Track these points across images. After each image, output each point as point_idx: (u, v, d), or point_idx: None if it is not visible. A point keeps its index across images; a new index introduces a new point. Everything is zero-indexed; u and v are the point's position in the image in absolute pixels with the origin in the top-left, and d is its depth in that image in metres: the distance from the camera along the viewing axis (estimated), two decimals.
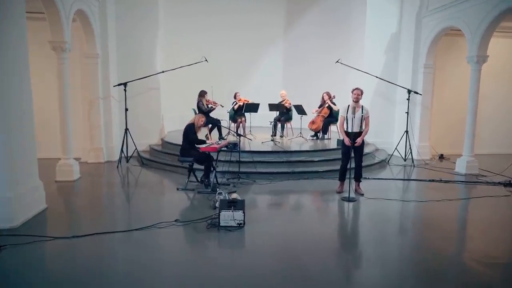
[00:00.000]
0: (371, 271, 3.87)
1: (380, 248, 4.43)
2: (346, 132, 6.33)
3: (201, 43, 11.19)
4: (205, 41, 11.49)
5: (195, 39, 11.18)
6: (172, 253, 4.19)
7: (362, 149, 6.41)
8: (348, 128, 6.28)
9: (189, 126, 6.57)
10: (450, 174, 8.04)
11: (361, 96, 6.30)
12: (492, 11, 7.28)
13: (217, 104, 9.28)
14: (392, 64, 9.90)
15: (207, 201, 5.92)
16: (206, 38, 11.53)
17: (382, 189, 6.89)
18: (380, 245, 4.52)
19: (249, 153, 7.80)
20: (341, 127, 6.39)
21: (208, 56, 11.21)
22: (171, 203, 6.00)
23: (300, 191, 6.72)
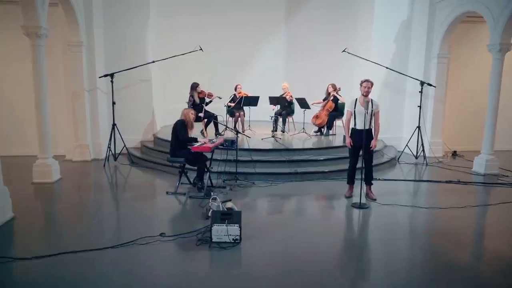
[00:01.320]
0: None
1: (403, 274, 3.64)
2: (353, 130, 5.51)
3: (197, 32, 10.29)
4: (202, 30, 10.59)
5: (191, 27, 10.28)
6: (152, 278, 3.40)
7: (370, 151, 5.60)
8: (356, 125, 5.47)
9: (179, 122, 5.76)
10: (467, 174, 7.23)
11: (371, 89, 5.48)
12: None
13: (214, 95, 8.44)
14: (403, 54, 9.03)
15: (199, 208, 5.13)
16: (203, 28, 10.62)
17: (395, 193, 6.10)
18: (403, 270, 3.73)
19: (247, 151, 6.99)
20: (347, 124, 5.58)
21: (205, 45, 10.36)
22: (158, 211, 5.20)
23: (304, 196, 5.92)
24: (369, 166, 5.59)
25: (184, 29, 9.99)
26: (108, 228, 4.59)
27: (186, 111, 5.83)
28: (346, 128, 5.62)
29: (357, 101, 5.50)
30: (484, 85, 9.13)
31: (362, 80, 5.51)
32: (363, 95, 5.46)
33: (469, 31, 9.00)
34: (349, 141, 5.51)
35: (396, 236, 4.48)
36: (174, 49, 8.55)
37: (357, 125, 5.48)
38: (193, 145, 5.59)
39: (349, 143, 5.51)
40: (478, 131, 9.23)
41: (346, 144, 5.57)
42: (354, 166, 5.68)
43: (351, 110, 5.52)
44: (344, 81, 9.62)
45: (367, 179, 5.63)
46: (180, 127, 5.70)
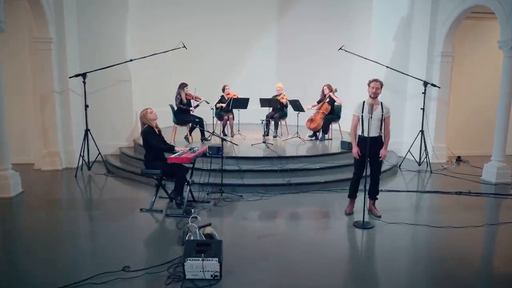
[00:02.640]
0: None
1: None
2: (360, 138, 4.72)
3: (182, 28, 9.44)
4: (188, 26, 9.74)
5: (175, 23, 9.42)
6: None
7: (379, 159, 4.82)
8: (363, 132, 4.67)
9: (146, 131, 4.91)
10: (477, 184, 6.47)
11: (381, 90, 4.69)
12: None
13: (201, 99, 7.60)
14: (403, 53, 8.25)
15: (176, 230, 4.29)
16: (189, 23, 9.77)
17: (401, 207, 5.31)
18: None
19: (234, 160, 6.17)
20: (354, 131, 4.78)
21: (193, 45, 9.53)
22: (127, 235, 4.33)
23: (298, 212, 5.12)
24: (375, 178, 4.80)
25: (169, 28, 9.13)
26: (63, 260, 3.71)
27: (143, 113, 4.96)
28: (352, 135, 4.82)
29: (365, 105, 4.70)
30: (488, 85, 8.47)
31: (370, 80, 4.72)
32: (371, 96, 4.67)
33: (472, 28, 8.26)
34: (356, 151, 4.69)
35: (409, 265, 3.69)
36: (158, 49, 7.69)
37: (365, 132, 4.67)
38: (171, 156, 4.75)
39: (356, 153, 4.69)
40: (482, 135, 8.53)
41: (353, 154, 4.74)
42: (359, 178, 4.87)
43: (358, 115, 4.72)
44: (340, 81, 8.87)
45: (372, 193, 4.84)
46: (148, 135, 4.86)
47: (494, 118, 8.54)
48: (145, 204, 5.01)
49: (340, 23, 9.45)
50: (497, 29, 8.10)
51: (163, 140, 5.15)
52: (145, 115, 4.97)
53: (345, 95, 8.61)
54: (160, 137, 5.11)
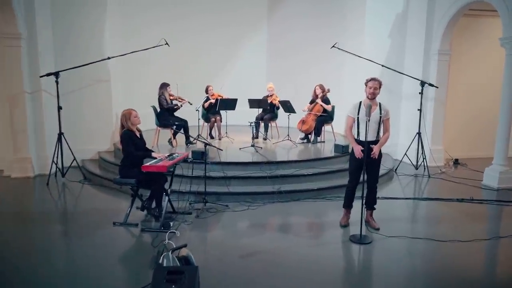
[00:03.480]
0: None
1: None
2: (356, 139, 4.24)
3: (168, 26, 8.88)
4: (174, 24, 9.19)
5: (161, 21, 8.85)
6: None
7: (378, 164, 4.33)
8: (359, 136, 4.19)
9: (124, 134, 4.37)
10: (478, 189, 6.04)
11: (379, 90, 4.21)
12: None
13: (184, 100, 7.06)
14: (398, 51, 7.79)
15: (151, 249, 3.76)
16: (175, 22, 9.23)
17: (400, 217, 4.85)
18: None
19: (220, 165, 5.65)
20: (349, 132, 4.29)
21: (177, 42, 8.99)
22: (94, 256, 3.76)
23: (288, 225, 4.61)
24: (372, 187, 4.31)
25: (153, 25, 8.56)
26: (22, 281, 3.16)
27: (124, 113, 4.42)
28: (349, 136, 4.32)
29: (361, 106, 4.22)
30: (486, 84, 8.07)
31: (368, 79, 4.24)
32: (368, 97, 4.19)
33: (469, 25, 7.83)
34: (358, 149, 4.12)
35: None
36: (142, 48, 7.12)
37: (361, 135, 4.19)
38: (147, 164, 4.20)
39: (359, 151, 4.12)
40: (480, 137, 8.13)
41: (356, 154, 4.17)
42: (355, 187, 4.39)
43: (354, 117, 4.23)
44: (333, 81, 8.40)
45: (369, 203, 4.35)
46: (125, 139, 4.31)
47: (492, 119, 8.18)
48: (121, 216, 4.46)
49: (333, 20, 8.98)
50: (495, 26, 7.72)
51: (144, 145, 4.62)
52: (126, 116, 4.42)
53: (338, 95, 8.15)
54: (142, 141, 4.57)
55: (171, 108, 6.77)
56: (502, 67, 8.01)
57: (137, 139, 4.43)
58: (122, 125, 4.43)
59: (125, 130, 4.36)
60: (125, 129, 4.36)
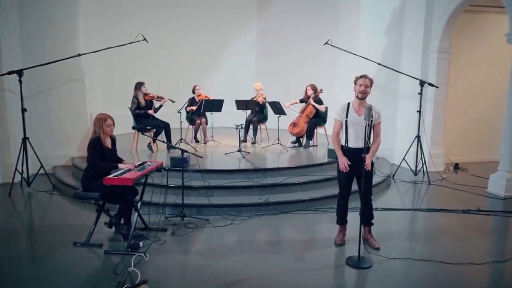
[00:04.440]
0: None
1: None
2: (344, 149, 3.65)
3: (151, 23, 8.26)
4: (158, 20, 8.57)
5: (143, 17, 8.21)
6: None
7: (370, 173, 3.74)
8: (349, 141, 3.62)
9: (92, 141, 3.75)
10: (483, 197, 5.49)
11: (370, 89, 3.64)
12: None
13: (165, 98, 6.40)
14: (395, 49, 7.22)
15: (112, 277, 3.13)
16: (159, 17, 8.60)
17: (402, 233, 4.27)
18: None
19: (202, 174, 5.02)
20: (336, 139, 3.70)
21: (162, 40, 8.41)
22: (48, 282, 3.15)
23: (276, 243, 3.99)
24: (366, 200, 3.72)
25: (135, 21, 7.92)
26: None
27: (98, 117, 3.80)
28: (335, 144, 3.73)
29: (350, 107, 3.65)
30: (487, 84, 7.54)
31: (357, 77, 3.67)
32: (357, 97, 3.61)
33: (470, 22, 7.30)
34: (344, 161, 3.60)
35: None
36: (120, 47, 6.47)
37: (351, 142, 3.63)
38: (111, 176, 3.57)
39: (344, 164, 3.60)
40: (481, 140, 7.62)
41: (340, 167, 3.66)
42: (347, 199, 3.82)
43: (341, 120, 3.66)
44: (326, 80, 7.85)
45: (365, 219, 3.76)
46: (92, 147, 3.69)
47: (494, 121, 7.67)
48: (82, 235, 3.82)
49: (325, 18, 8.44)
50: (498, 23, 7.23)
51: (114, 155, 3.99)
52: (100, 121, 3.80)
53: (331, 95, 7.58)
54: (112, 151, 3.94)
55: (140, 113, 6.11)
56: (504, 66, 7.53)
57: (106, 149, 3.79)
58: (94, 130, 3.80)
59: (94, 137, 3.73)
60: (95, 136, 3.73)
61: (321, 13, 8.51)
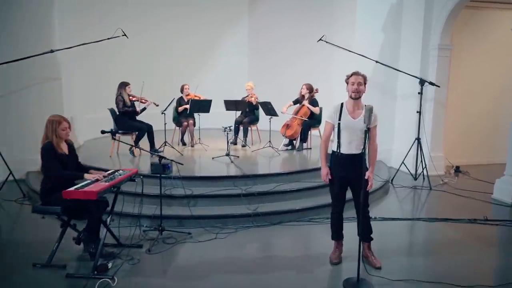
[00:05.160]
0: None
1: None
2: (335, 156, 3.20)
3: (136, 19, 7.77)
4: (144, 17, 8.08)
5: (126, 12, 7.71)
6: None
7: (367, 180, 3.27)
8: (340, 147, 3.17)
9: (44, 147, 3.25)
10: (487, 204, 5.07)
11: (364, 86, 3.17)
12: None
13: (149, 101, 5.92)
14: (392, 46, 6.79)
15: None
16: (146, 15, 8.11)
17: (404, 247, 3.82)
18: None
19: (185, 181, 4.54)
20: (325, 144, 3.26)
21: (148, 37, 7.92)
22: None
23: (264, 261, 3.50)
24: (363, 213, 3.26)
25: (118, 17, 7.41)
26: None
27: (51, 119, 3.30)
28: (322, 150, 3.27)
29: (344, 109, 3.19)
30: (488, 83, 7.13)
31: (348, 75, 3.22)
32: (351, 97, 3.15)
33: (471, 18, 6.88)
34: (325, 173, 3.21)
35: None
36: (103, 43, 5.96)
37: (343, 147, 3.17)
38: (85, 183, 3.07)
39: (325, 176, 3.22)
40: (482, 141, 7.21)
41: (322, 178, 3.27)
42: (341, 212, 3.36)
43: (333, 123, 3.20)
44: (320, 79, 7.41)
45: (364, 234, 3.30)
46: (46, 153, 3.19)
47: (495, 122, 7.27)
48: (46, 253, 3.32)
49: (320, 14, 7.97)
50: (500, 19, 6.84)
51: (75, 162, 3.49)
52: (53, 125, 3.28)
53: (325, 95, 7.14)
54: (71, 157, 3.44)
55: (128, 111, 5.63)
56: (507, 64, 7.14)
57: (62, 155, 3.29)
58: (46, 134, 3.30)
59: (46, 142, 3.23)
60: (47, 141, 3.23)
61: (315, 10, 8.05)
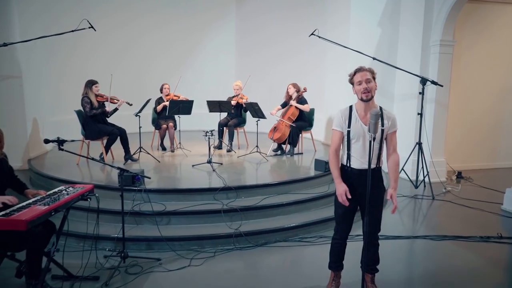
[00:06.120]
0: None
1: None
2: (344, 169, 2.57)
3: (115, 13, 7.09)
4: (124, 12, 7.40)
5: (103, 7, 7.02)
6: None
7: (381, 202, 2.67)
8: (350, 161, 2.54)
9: None
10: (498, 216, 4.50)
11: (375, 82, 2.53)
12: None
13: (120, 100, 5.20)
14: (390, 42, 6.22)
15: None
16: (126, 8, 7.43)
17: (410, 275, 3.20)
18: None
19: (157, 194, 3.89)
20: (334, 157, 2.59)
21: (127, 33, 7.26)
22: None
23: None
24: (373, 239, 2.66)
25: (94, 10, 6.72)
26: None
27: None
28: (332, 164, 2.59)
29: (353, 113, 2.55)
30: (490, 83, 6.58)
31: (351, 74, 2.57)
32: (362, 99, 2.52)
33: (472, 13, 6.32)
34: (342, 191, 2.48)
35: None
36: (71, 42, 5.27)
37: (355, 161, 2.54)
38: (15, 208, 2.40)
39: (343, 195, 2.47)
40: (484, 144, 6.69)
41: (339, 199, 2.53)
42: (345, 239, 2.73)
43: (342, 131, 2.56)
44: (313, 79, 6.83)
45: (370, 265, 2.69)
46: None
47: (497, 124, 6.73)
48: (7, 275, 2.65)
49: (312, 11, 7.34)
50: (506, 14, 6.32)
51: (5, 177, 2.82)
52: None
53: (317, 95, 6.57)
54: (2, 172, 2.77)
55: (96, 114, 4.93)
56: (511, 62, 6.62)
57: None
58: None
59: None
60: None
61: (307, 6, 7.42)
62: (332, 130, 2.64)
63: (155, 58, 7.86)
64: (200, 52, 8.38)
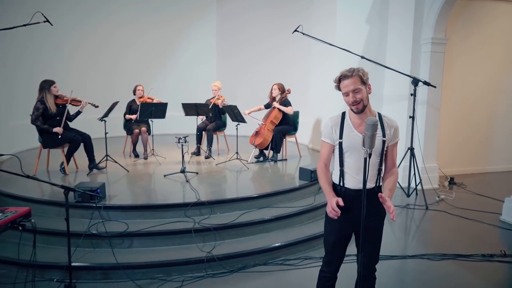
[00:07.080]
0: None
1: None
2: (337, 190, 2.08)
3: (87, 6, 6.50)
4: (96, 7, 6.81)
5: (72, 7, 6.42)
6: None
7: (381, 229, 2.18)
8: (344, 179, 2.05)
9: None
10: (497, 229, 4.11)
11: (366, 87, 2.00)
12: None
13: (84, 102, 4.57)
14: (378, 40, 5.80)
15: None
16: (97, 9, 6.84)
17: None
18: None
19: (117, 211, 3.35)
20: (323, 173, 2.09)
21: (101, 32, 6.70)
22: None
23: None
24: (370, 271, 2.18)
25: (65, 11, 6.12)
26: None
27: None
28: (321, 179, 2.08)
29: (347, 120, 2.06)
30: (482, 84, 6.25)
31: (335, 81, 2.03)
32: (352, 111, 2.02)
33: (464, 10, 5.97)
34: (333, 202, 1.93)
35: None
36: None
37: (349, 179, 2.04)
38: None
39: (333, 206, 1.92)
40: (476, 148, 6.35)
41: (328, 211, 1.97)
42: (335, 272, 2.21)
43: (332, 143, 2.08)
44: (299, 80, 6.37)
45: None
46: None
47: (489, 127, 6.42)
48: None
49: (296, 6, 6.87)
50: (499, 12, 5.98)
51: None
52: None
53: (303, 96, 6.11)
54: None
55: (45, 129, 4.30)
56: (503, 62, 6.29)
57: None
58: None
59: None
60: None
61: (291, 3, 6.95)
62: (321, 142, 2.16)
63: (129, 58, 7.28)
64: (181, 53, 7.81)
